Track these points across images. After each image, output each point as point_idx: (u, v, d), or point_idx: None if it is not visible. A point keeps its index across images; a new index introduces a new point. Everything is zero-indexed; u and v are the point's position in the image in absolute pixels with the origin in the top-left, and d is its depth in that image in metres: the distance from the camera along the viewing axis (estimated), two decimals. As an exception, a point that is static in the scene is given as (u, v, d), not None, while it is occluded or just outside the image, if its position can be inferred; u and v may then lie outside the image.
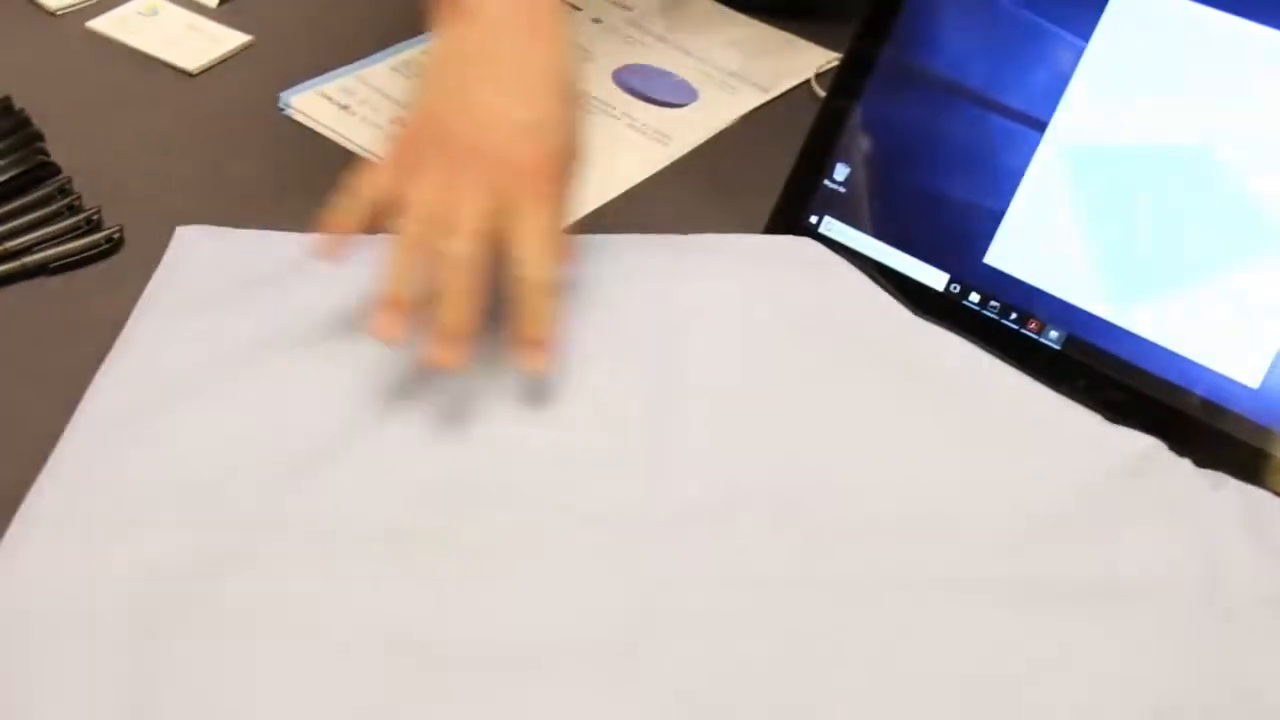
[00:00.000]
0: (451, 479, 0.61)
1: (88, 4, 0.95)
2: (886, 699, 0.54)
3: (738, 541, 0.60)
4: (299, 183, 0.81)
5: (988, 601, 0.58)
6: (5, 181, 0.77)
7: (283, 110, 0.87)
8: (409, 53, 0.92)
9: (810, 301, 0.72)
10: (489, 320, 0.61)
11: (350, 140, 0.84)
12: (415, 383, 0.65)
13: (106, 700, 0.52)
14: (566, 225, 0.65)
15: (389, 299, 0.60)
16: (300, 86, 0.88)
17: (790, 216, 0.78)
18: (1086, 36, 0.69)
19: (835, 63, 0.94)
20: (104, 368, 0.67)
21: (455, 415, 0.64)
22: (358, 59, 0.91)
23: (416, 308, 0.60)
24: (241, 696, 0.52)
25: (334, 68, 0.90)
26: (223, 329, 0.68)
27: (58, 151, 0.80)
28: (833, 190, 0.76)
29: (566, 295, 0.64)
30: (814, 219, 0.77)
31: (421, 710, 0.52)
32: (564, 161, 0.63)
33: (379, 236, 0.75)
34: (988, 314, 0.72)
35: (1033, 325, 0.71)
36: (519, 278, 0.61)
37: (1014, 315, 0.71)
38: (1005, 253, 0.71)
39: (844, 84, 0.76)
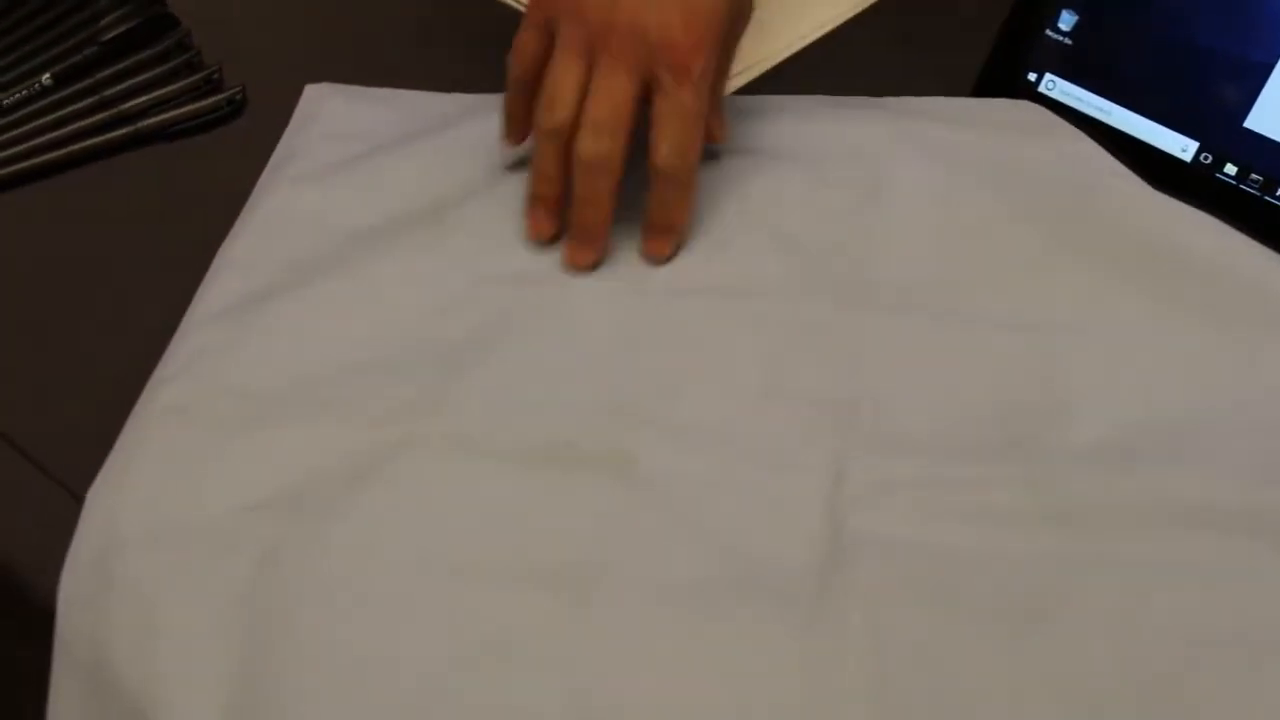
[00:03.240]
0: (627, 390, 0.53)
1: None
2: (1133, 661, 0.45)
3: (939, 469, 0.50)
4: (439, 37, 0.73)
5: (1263, 544, 0.48)
6: (119, 36, 0.69)
7: (420, -45, 0.77)
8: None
9: (1031, 177, 0.61)
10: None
11: (495, -13, 0.75)
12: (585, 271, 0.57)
13: (231, 620, 0.45)
14: (723, 93, 0.59)
15: (534, 195, 0.57)
16: (439, -73, 0.79)
17: (1004, 73, 0.67)
18: None
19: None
20: (224, 247, 0.59)
21: (632, 315, 0.56)
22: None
23: (562, 200, 0.57)
24: (372, 621, 0.45)
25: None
26: (358, 200, 0.60)
27: (175, 1, 0.72)
28: (1056, 42, 0.65)
29: (705, 176, 0.59)
30: (1033, 76, 0.66)
31: (570, 649, 0.45)
32: (718, 23, 0.55)
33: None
34: (1247, 189, 0.60)
35: (1304, 204, 0.59)
36: (652, 158, 0.55)
37: (1280, 191, 0.60)
38: (1272, 115, 0.59)
39: (1073, -86, 0.65)
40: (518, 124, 0.60)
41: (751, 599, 0.46)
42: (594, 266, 0.57)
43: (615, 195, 0.56)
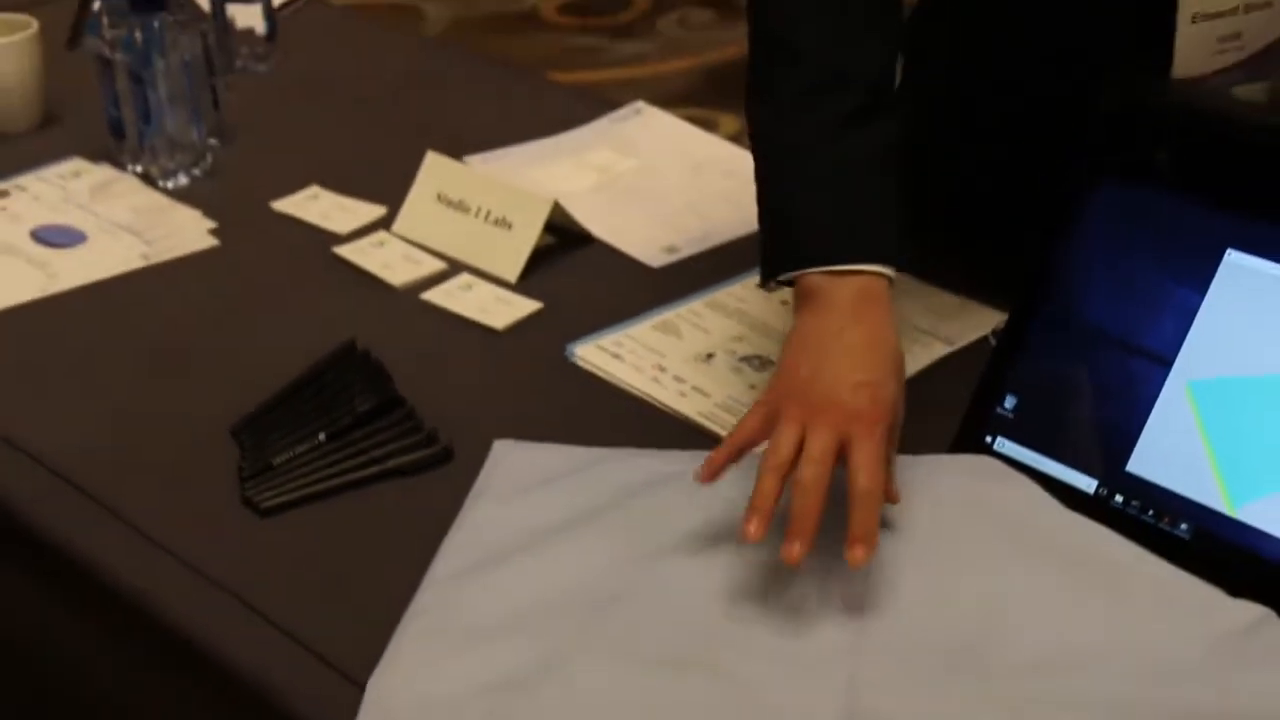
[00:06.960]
0: (713, 621, 0.82)
1: (421, 282, 1.22)
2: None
3: (922, 675, 0.79)
4: (584, 413, 1.05)
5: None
6: (367, 411, 1.02)
7: (569, 359, 1.11)
8: (664, 315, 1.16)
9: (989, 506, 0.90)
10: None
11: (622, 381, 1.08)
12: (675, 548, 0.87)
13: None
14: (891, 457, 0.87)
15: (756, 509, 0.80)
16: (582, 340, 1.12)
17: (971, 437, 0.97)
18: (1203, 292, 0.88)
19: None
20: (444, 545, 0.90)
21: (713, 576, 0.85)
22: (625, 320, 1.15)
23: (772, 515, 0.80)
24: None
25: (607, 326, 1.14)
26: (534, 512, 0.91)
27: (403, 388, 1.05)
28: (1004, 416, 0.95)
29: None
30: (989, 439, 0.96)
31: None
32: (891, 411, 0.86)
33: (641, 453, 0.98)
34: (1130, 511, 0.89)
35: (1166, 520, 0.88)
36: (853, 486, 0.81)
37: (1151, 512, 0.88)
38: (1144, 462, 0.89)
39: (1011, 334, 0.97)
40: (715, 471, 0.85)
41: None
42: (802, 557, 0.78)
43: (822, 511, 0.79)
